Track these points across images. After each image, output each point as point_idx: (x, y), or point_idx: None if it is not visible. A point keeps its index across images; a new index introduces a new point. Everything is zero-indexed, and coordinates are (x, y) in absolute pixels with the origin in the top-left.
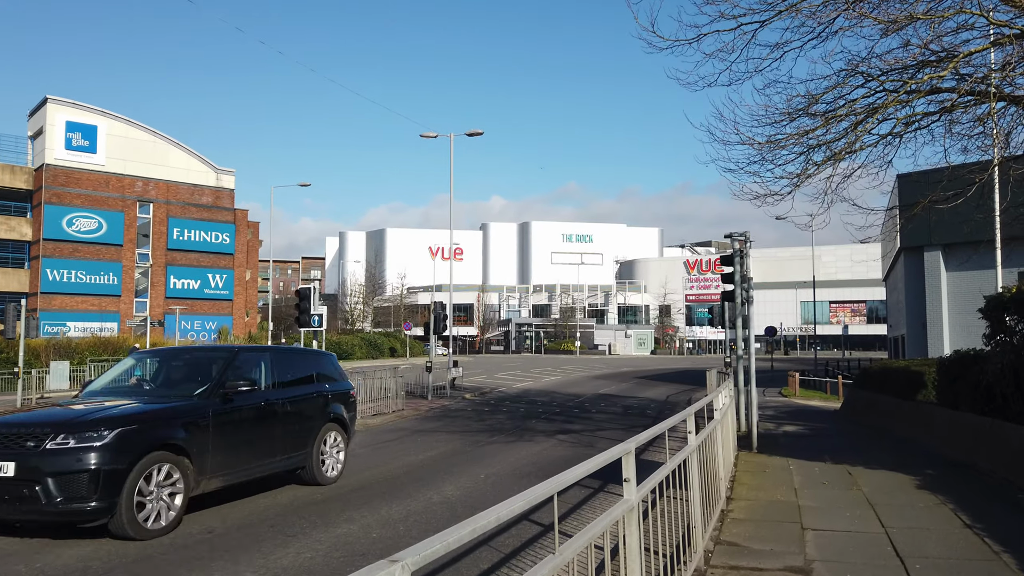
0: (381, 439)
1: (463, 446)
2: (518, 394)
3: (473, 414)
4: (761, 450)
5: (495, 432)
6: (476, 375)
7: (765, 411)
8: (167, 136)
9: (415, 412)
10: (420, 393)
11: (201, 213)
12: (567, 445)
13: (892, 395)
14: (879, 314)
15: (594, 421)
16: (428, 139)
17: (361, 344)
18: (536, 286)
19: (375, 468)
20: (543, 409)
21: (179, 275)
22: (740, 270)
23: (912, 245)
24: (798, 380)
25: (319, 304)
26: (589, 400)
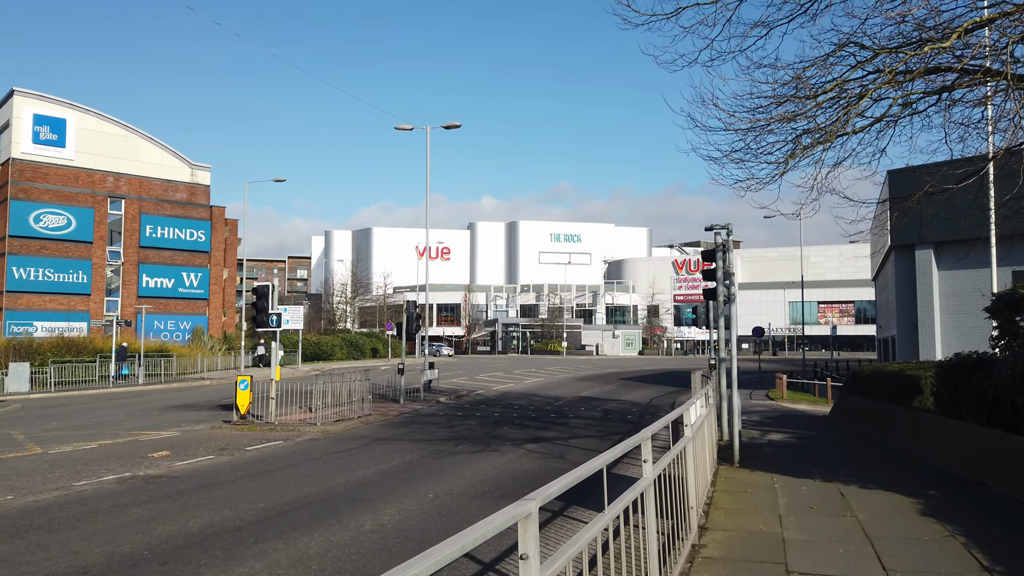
0: (337, 448)
1: (421, 457)
2: (496, 397)
3: (443, 419)
4: (744, 463)
5: (461, 440)
6: (457, 376)
7: (751, 416)
8: (139, 130)
9: (382, 417)
10: (392, 396)
11: (175, 210)
12: (535, 456)
13: (885, 401)
14: (867, 315)
15: (570, 427)
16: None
17: (342, 345)
18: (524, 286)
19: (317, 484)
20: (518, 414)
21: (152, 274)
22: (723, 266)
23: (903, 243)
24: (785, 383)
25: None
26: (569, 404)
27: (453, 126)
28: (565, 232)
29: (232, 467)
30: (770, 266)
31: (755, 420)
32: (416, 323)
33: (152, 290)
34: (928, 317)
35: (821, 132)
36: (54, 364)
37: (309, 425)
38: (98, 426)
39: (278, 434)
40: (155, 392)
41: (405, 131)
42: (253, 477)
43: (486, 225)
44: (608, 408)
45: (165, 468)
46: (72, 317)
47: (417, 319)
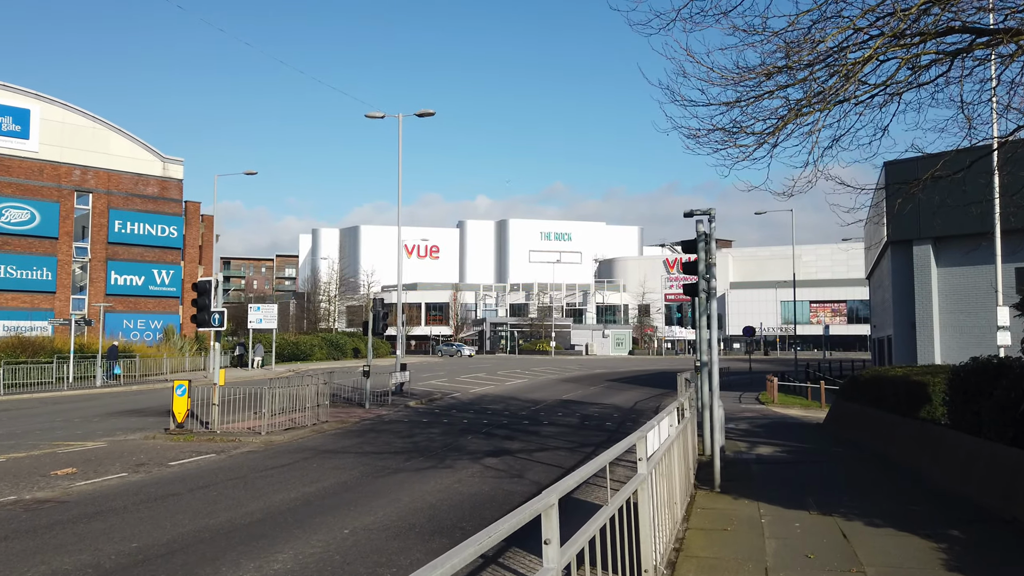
0: (271, 464)
1: (360, 476)
2: (471, 401)
3: (405, 427)
4: (727, 487)
5: (414, 454)
6: (437, 378)
7: (738, 423)
8: (108, 122)
9: (339, 425)
10: (358, 400)
11: (146, 204)
12: (490, 475)
13: (887, 409)
14: (860, 314)
15: (540, 437)
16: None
17: (321, 344)
18: (513, 285)
19: (222, 513)
20: (489, 420)
21: (121, 271)
22: (705, 258)
23: (900, 238)
24: (776, 385)
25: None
26: (547, 408)
27: (427, 114)
28: (556, 231)
29: (137, 489)
30: (762, 265)
31: (743, 429)
32: (383, 322)
33: (121, 288)
34: (926, 316)
35: (818, 96)
36: (7, 366)
37: (253, 435)
38: (24, 435)
39: (214, 445)
40: (111, 395)
41: (376, 118)
42: (152, 503)
43: (475, 223)
44: (587, 413)
45: (61, 490)
46: (36, 316)
47: (384, 317)
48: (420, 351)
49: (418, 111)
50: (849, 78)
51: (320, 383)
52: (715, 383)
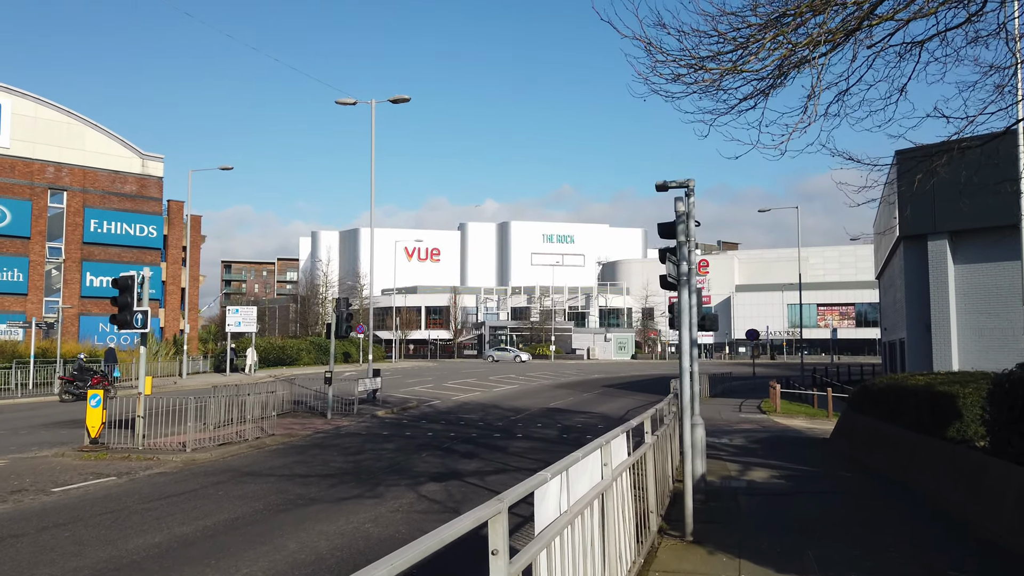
0: (172, 490)
1: (263, 509)
2: (448, 409)
3: (358, 442)
4: (702, 533)
5: (348, 477)
6: (422, 384)
7: (733, 438)
8: (83, 117)
9: (284, 439)
10: (322, 409)
11: (124, 203)
12: (419, 510)
13: (907, 426)
14: (868, 318)
15: (505, 454)
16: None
17: (309, 348)
18: (515, 288)
19: (44, 567)
20: (456, 433)
21: (97, 272)
22: (686, 240)
23: (913, 233)
24: (779, 393)
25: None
26: (528, 418)
27: (401, 100)
28: (558, 233)
29: None
30: (768, 267)
31: (737, 445)
32: (347, 324)
33: (97, 290)
34: (943, 317)
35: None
36: None
37: (177, 452)
38: None
39: (124, 465)
40: (62, 405)
41: (347, 104)
42: None
43: (477, 226)
44: (570, 424)
45: None
46: (6, 319)
47: (348, 319)
48: (418, 355)
49: (392, 97)
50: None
51: (269, 392)
52: (692, 397)
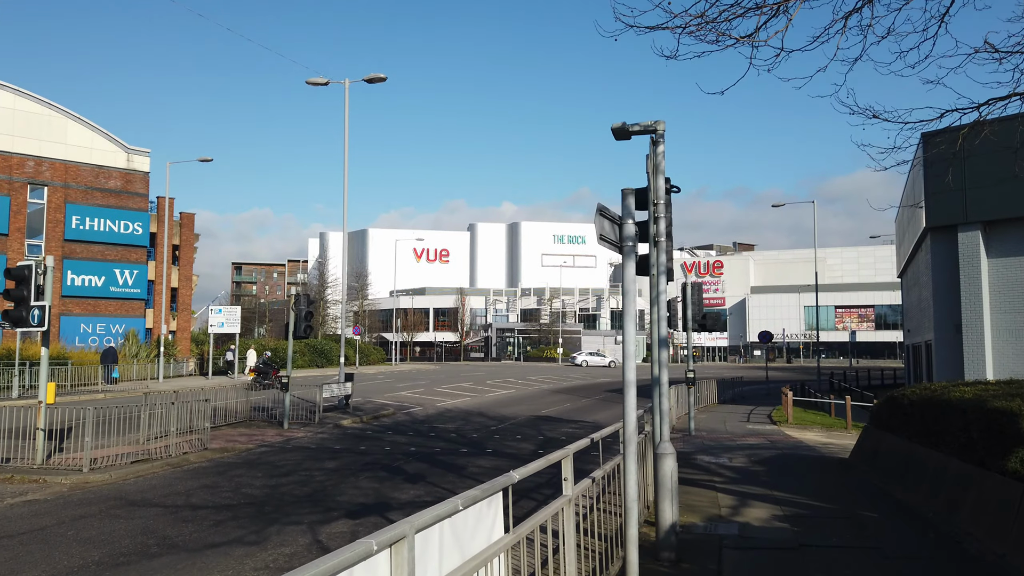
0: (11, 528)
1: (92, 562)
2: (425, 418)
3: (296, 460)
4: None
5: (245, 512)
6: (413, 389)
7: (734, 456)
8: (65, 109)
9: (217, 454)
10: (279, 419)
11: (107, 199)
12: (301, 563)
13: (953, 453)
14: (888, 320)
15: (462, 476)
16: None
17: (304, 351)
18: (525, 289)
19: None
20: (420, 447)
21: (79, 270)
22: (659, 197)
23: (942, 224)
24: (791, 401)
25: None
26: (510, 428)
27: (376, 79)
28: (569, 233)
29: None
30: (784, 268)
31: (737, 467)
32: (305, 323)
33: (79, 289)
34: (975, 317)
35: None
36: None
37: (73, 472)
38: None
39: None
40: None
41: (319, 85)
42: None
43: (487, 227)
44: (554, 436)
45: None
46: None
47: (307, 318)
48: (425, 358)
49: (367, 76)
50: None
51: (227, 399)
52: (660, 418)
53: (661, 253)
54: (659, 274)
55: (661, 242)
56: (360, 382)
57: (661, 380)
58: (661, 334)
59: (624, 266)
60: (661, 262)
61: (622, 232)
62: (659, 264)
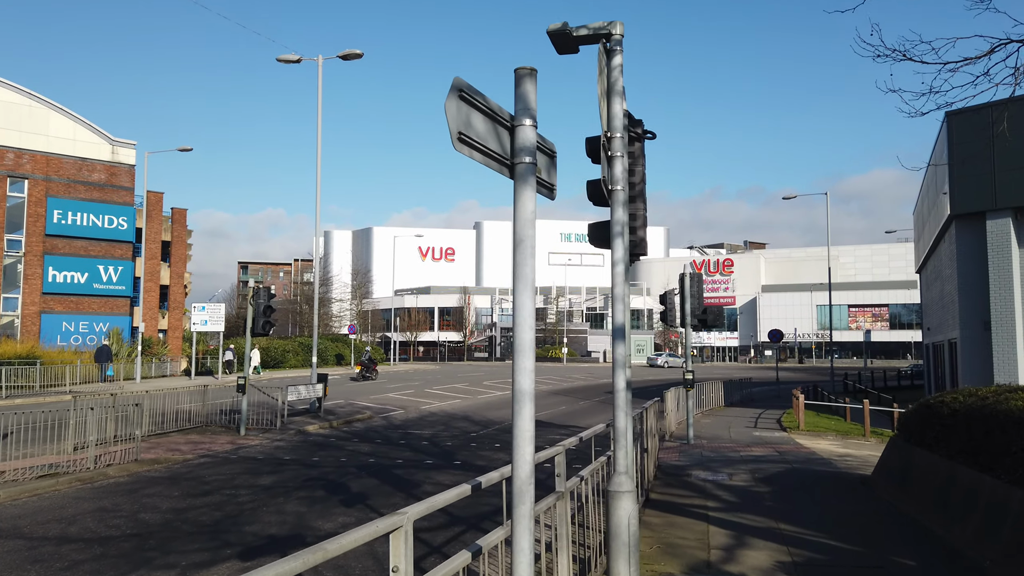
0: None
1: None
2: (403, 423)
3: (232, 473)
4: None
5: (121, 546)
6: (402, 390)
7: (735, 472)
8: (46, 99)
9: (147, 466)
10: (234, 423)
11: (91, 192)
12: None
13: (1014, 481)
14: (903, 320)
15: (410, 496)
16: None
17: (297, 350)
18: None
19: None
20: (381, 457)
21: (61, 267)
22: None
23: (968, 210)
24: (803, 406)
25: None
26: (490, 435)
27: (352, 55)
28: (576, 232)
29: None
30: (796, 267)
31: (737, 486)
32: (264, 318)
33: (61, 286)
34: (1006, 313)
35: None
36: None
37: None
38: None
39: None
40: None
41: (291, 62)
42: None
43: (492, 224)
44: (537, 444)
45: None
46: None
47: (267, 313)
48: (427, 358)
49: (341, 52)
50: None
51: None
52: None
53: (618, 208)
54: (616, 237)
55: (617, 193)
56: (352, 383)
57: (618, 386)
58: (618, 322)
59: (517, 200)
60: (618, 219)
61: (514, 140)
62: (619, 225)
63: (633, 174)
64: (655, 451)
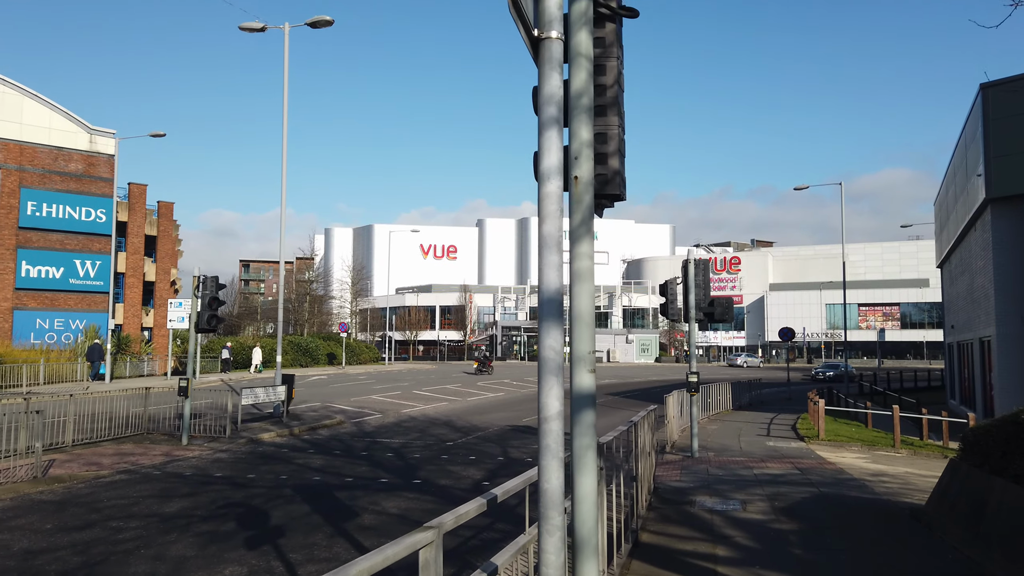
0: None
1: None
2: (376, 429)
3: (141, 497)
4: None
5: None
6: (388, 392)
7: (750, 497)
8: (20, 85)
9: (45, 485)
10: (174, 430)
11: (68, 183)
12: None
13: None
14: (914, 319)
15: (341, 534)
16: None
17: (286, 349)
18: (534, 286)
19: None
20: (329, 475)
21: (35, 261)
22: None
23: (1007, 193)
24: (823, 412)
25: None
26: (470, 443)
27: (321, 23)
28: None
29: None
30: (805, 265)
31: (754, 520)
32: (210, 312)
33: (35, 281)
34: None
35: None
36: None
37: None
38: None
39: None
40: None
41: (256, 31)
42: None
43: (495, 222)
44: (518, 457)
45: None
46: None
47: (212, 306)
48: (427, 357)
49: (309, 19)
50: None
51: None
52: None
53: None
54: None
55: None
56: (337, 383)
57: (547, 411)
58: (549, 288)
59: None
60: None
61: None
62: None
63: (602, 71)
64: (650, 471)
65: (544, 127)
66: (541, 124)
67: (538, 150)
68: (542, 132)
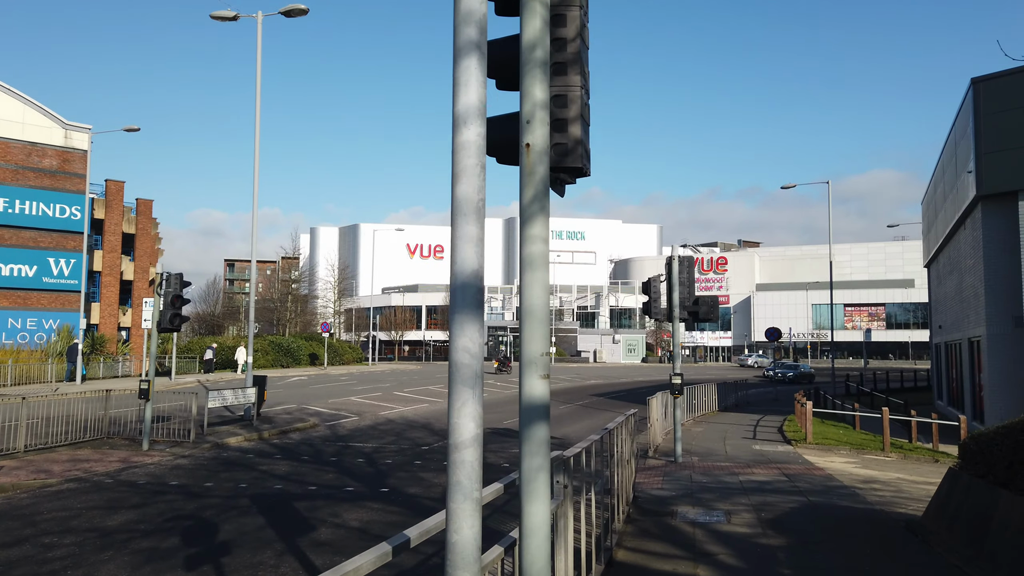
0: None
1: None
2: (351, 432)
3: (85, 508)
4: None
5: None
6: (367, 393)
7: (735, 507)
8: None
9: None
10: (136, 434)
11: (41, 180)
12: None
13: None
14: (899, 319)
15: (291, 551)
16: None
17: (267, 350)
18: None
19: None
20: (293, 482)
21: (7, 258)
22: None
23: (997, 190)
24: (810, 414)
25: None
26: (447, 447)
27: (295, 11)
28: (568, 229)
29: None
30: (792, 266)
31: (737, 541)
32: (173, 311)
33: (7, 279)
34: None
35: None
36: None
37: None
38: None
39: None
40: None
41: (228, 20)
42: None
43: None
44: (495, 462)
45: None
46: None
47: (175, 304)
48: (413, 357)
49: (284, 8)
50: None
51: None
52: None
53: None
54: None
55: None
56: (317, 384)
57: (459, 433)
58: (463, 267)
59: None
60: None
61: None
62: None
63: (562, 21)
64: (630, 480)
65: (460, 53)
66: (457, 50)
67: (453, 84)
68: (458, 61)
